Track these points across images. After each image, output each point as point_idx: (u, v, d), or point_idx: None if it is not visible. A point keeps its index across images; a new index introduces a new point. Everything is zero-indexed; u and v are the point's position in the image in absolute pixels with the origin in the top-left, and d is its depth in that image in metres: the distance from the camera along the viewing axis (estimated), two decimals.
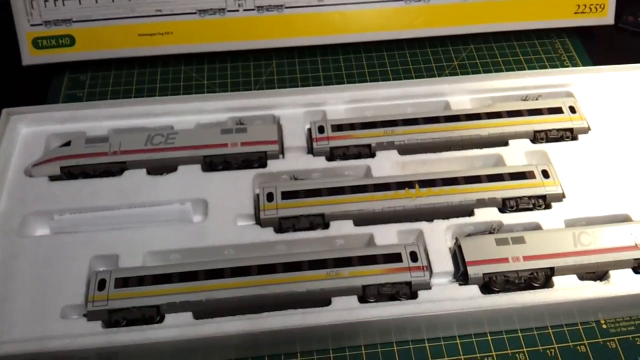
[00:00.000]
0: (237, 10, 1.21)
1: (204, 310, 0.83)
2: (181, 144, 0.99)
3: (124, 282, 0.84)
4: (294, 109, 1.07)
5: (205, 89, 1.22)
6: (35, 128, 1.05)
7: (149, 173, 0.98)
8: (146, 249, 0.89)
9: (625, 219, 0.93)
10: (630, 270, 0.87)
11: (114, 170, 0.99)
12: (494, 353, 0.86)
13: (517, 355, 0.86)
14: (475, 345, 0.87)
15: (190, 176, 0.97)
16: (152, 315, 0.83)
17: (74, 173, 0.98)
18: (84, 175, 0.98)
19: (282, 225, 0.92)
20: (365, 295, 0.84)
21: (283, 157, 1.01)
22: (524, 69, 1.25)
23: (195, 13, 1.20)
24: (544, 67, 1.26)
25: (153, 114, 1.06)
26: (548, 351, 0.86)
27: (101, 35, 1.21)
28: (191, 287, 0.83)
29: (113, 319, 0.82)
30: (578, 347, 0.87)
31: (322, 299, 0.84)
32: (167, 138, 1.00)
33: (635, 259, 0.87)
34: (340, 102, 1.08)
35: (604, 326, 0.89)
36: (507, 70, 1.25)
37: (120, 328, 0.82)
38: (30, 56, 1.21)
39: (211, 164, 0.99)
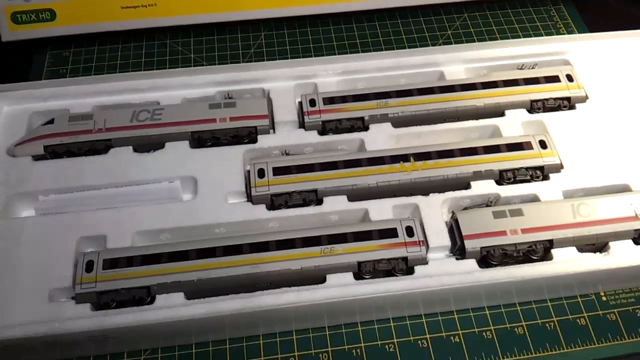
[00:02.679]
0: None
1: (196, 291, 0.81)
2: (168, 119, 0.96)
3: (112, 263, 0.82)
4: (284, 81, 1.04)
5: (192, 62, 1.19)
6: (17, 106, 1.01)
7: (135, 150, 0.95)
8: (135, 228, 0.87)
9: (625, 189, 0.91)
10: (630, 242, 0.85)
11: (99, 148, 0.96)
12: (492, 327, 0.85)
13: (515, 329, 0.85)
14: (474, 319, 0.86)
15: (178, 153, 0.94)
16: (143, 297, 0.80)
17: (58, 152, 0.95)
18: (68, 154, 0.95)
19: (274, 202, 0.89)
20: (361, 271, 0.83)
21: (274, 131, 0.99)
22: (519, 37, 1.23)
23: None
24: (540, 35, 1.23)
25: (138, 89, 1.02)
26: (547, 325, 0.85)
27: (83, 9, 1.16)
28: (182, 267, 0.81)
29: (102, 301, 0.80)
30: (578, 320, 0.86)
31: (316, 277, 0.82)
32: (154, 114, 0.97)
33: (635, 230, 0.85)
34: (332, 74, 1.05)
35: (604, 298, 0.88)
36: (502, 39, 1.22)
37: (109, 310, 0.80)
38: (9, 32, 1.16)
39: (199, 140, 0.96)
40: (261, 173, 0.90)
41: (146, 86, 1.03)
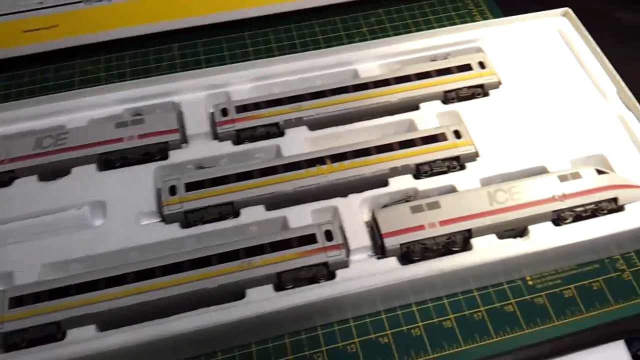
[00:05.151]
0: None
1: (109, 321, 0.77)
2: (73, 143, 0.93)
3: (18, 301, 0.77)
4: (195, 92, 1.01)
5: (104, 81, 1.14)
6: None
7: (41, 179, 0.91)
8: (43, 261, 0.83)
9: (542, 171, 0.91)
10: (550, 223, 0.85)
11: (2, 180, 0.91)
12: (420, 324, 0.83)
13: (443, 322, 0.83)
14: (401, 317, 0.84)
15: (85, 178, 0.91)
16: (53, 333, 0.76)
17: None
18: None
19: (189, 219, 0.86)
20: (282, 282, 0.80)
21: (187, 145, 0.95)
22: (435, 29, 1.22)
23: (80, 2, 1.12)
24: (455, 24, 1.23)
25: (42, 114, 0.99)
26: (475, 315, 0.84)
27: None
28: (92, 297, 0.77)
29: (11, 341, 0.76)
30: (505, 307, 0.85)
31: (236, 293, 0.79)
32: (58, 139, 0.93)
33: (553, 211, 0.85)
34: (244, 81, 1.03)
35: (530, 283, 0.87)
36: (418, 32, 1.21)
37: (19, 351, 0.75)
38: None
39: (107, 162, 0.93)
40: (173, 190, 0.87)
41: (51, 110, 0.99)
